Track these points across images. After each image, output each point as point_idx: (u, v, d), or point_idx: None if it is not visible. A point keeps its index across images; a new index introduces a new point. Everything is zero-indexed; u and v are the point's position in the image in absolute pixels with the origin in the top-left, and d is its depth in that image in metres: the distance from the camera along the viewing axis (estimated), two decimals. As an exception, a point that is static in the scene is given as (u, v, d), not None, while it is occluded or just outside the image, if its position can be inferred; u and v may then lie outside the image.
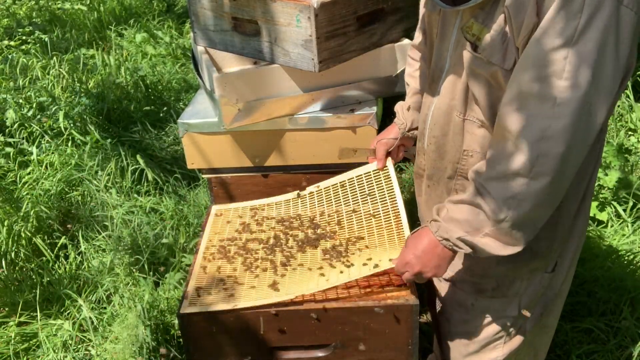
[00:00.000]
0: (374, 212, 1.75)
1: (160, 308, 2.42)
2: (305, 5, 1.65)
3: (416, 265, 1.36)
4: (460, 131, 1.40)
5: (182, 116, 1.97)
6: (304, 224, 1.82)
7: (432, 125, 1.46)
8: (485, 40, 1.23)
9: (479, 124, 1.36)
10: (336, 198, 1.85)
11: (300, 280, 1.56)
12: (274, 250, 1.71)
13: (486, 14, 1.23)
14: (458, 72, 1.35)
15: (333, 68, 1.80)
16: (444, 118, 1.42)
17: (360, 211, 1.78)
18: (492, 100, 1.30)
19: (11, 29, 5.02)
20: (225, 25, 1.88)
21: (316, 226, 1.79)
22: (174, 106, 4.05)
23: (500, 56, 1.22)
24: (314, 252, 1.69)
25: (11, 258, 2.77)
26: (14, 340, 2.39)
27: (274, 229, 1.82)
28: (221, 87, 1.79)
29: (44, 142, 3.51)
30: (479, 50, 1.25)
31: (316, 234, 1.75)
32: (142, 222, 2.87)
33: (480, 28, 1.24)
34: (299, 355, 1.57)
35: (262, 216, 1.89)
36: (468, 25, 1.27)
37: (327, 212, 1.84)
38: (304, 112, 1.92)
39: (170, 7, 5.87)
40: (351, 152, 1.84)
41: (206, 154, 1.99)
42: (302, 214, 1.86)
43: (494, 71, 1.24)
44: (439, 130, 1.45)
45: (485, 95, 1.30)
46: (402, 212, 1.67)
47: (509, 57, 1.21)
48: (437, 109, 1.44)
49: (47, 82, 4.07)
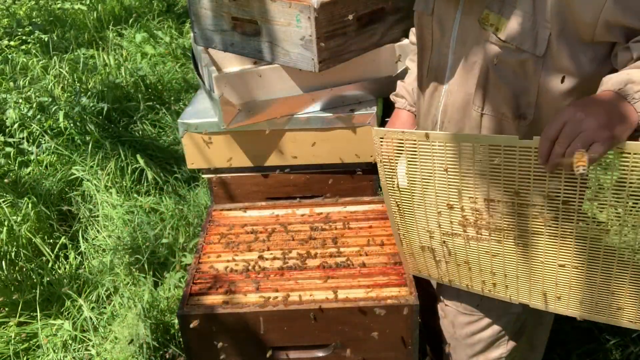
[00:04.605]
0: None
1: (160, 308, 2.42)
2: (305, 5, 1.65)
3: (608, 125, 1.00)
4: (477, 126, 1.37)
5: (182, 116, 1.97)
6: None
7: (447, 124, 1.44)
8: (511, 27, 1.22)
9: (499, 117, 1.33)
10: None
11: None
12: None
13: (501, 2, 1.22)
14: (469, 66, 1.33)
15: (333, 68, 1.80)
16: (459, 114, 1.40)
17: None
18: (516, 90, 1.28)
19: (11, 29, 5.02)
20: (225, 25, 1.88)
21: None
22: (174, 106, 4.05)
23: (531, 43, 1.21)
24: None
25: (11, 258, 2.77)
26: (14, 340, 2.39)
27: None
28: (221, 87, 1.79)
29: (44, 142, 3.51)
30: (507, 38, 1.23)
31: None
32: (142, 222, 2.87)
33: (497, 18, 1.24)
34: (299, 355, 1.57)
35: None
36: (483, 16, 1.26)
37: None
38: (304, 112, 1.92)
39: (170, 7, 5.87)
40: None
41: (206, 154, 1.99)
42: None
43: (523, 59, 1.23)
44: (453, 127, 1.42)
45: (510, 86, 1.28)
46: None
47: (540, 43, 1.20)
48: (450, 106, 1.41)
49: (47, 82, 4.07)
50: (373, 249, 1.72)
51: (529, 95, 1.27)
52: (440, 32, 1.39)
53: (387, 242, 1.74)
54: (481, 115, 1.35)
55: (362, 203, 1.96)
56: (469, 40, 1.32)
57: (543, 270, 1.29)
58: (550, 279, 1.29)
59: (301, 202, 1.98)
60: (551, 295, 1.32)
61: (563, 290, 1.29)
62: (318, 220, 1.88)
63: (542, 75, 1.24)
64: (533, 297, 1.36)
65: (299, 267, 1.66)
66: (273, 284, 1.59)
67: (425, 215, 1.36)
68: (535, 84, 1.25)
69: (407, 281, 1.57)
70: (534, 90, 1.26)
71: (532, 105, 1.28)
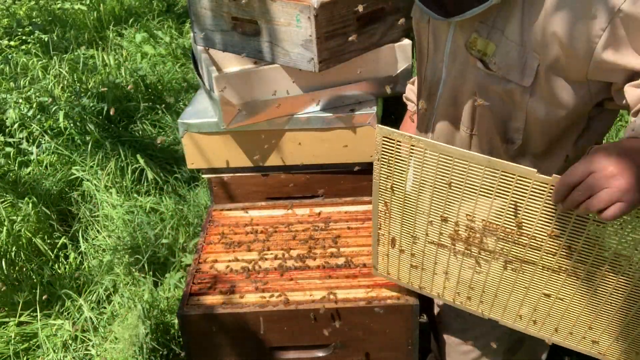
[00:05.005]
0: None
1: (160, 308, 2.42)
2: (305, 5, 1.65)
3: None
4: (467, 145, 1.36)
5: (182, 116, 1.97)
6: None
7: (436, 138, 1.42)
8: (498, 56, 1.17)
9: (488, 138, 1.31)
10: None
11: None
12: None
13: (490, 27, 1.17)
14: (460, 86, 1.30)
15: (333, 68, 1.80)
16: (448, 130, 1.38)
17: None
18: (504, 116, 1.25)
19: (11, 29, 5.02)
20: (225, 25, 1.88)
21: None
22: (174, 106, 4.05)
23: (518, 73, 1.16)
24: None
25: (11, 258, 2.77)
26: (14, 340, 2.39)
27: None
28: (221, 87, 1.79)
29: (44, 142, 3.51)
30: (492, 66, 1.19)
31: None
32: (142, 222, 2.87)
33: (485, 43, 1.18)
34: (299, 355, 1.57)
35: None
36: (471, 40, 1.21)
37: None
38: (304, 112, 1.92)
39: (170, 7, 5.86)
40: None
41: (206, 154, 1.99)
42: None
43: (509, 89, 1.19)
44: (443, 140, 1.41)
45: (497, 112, 1.25)
46: None
47: (527, 73, 1.15)
48: (440, 121, 1.40)
49: (47, 82, 4.07)
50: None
51: (517, 121, 1.24)
52: (435, 45, 1.35)
53: (387, 242, 1.74)
54: (470, 135, 1.33)
55: (362, 203, 1.96)
56: (458, 62, 1.28)
57: (525, 295, 1.27)
58: (531, 304, 1.28)
59: (301, 202, 1.98)
60: (526, 318, 1.31)
61: (541, 316, 1.29)
62: (318, 220, 1.88)
63: (529, 104, 1.20)
64: (506, 315, 1.34)
65: (299, 267, 1.66)
66: (273, 284, 1.59)
67: (414, 221, 1.33)
68: (523, 112, 1.22)
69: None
70: (521, 117, 1.23)
71: (520, 130, 1.25)
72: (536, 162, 1.29)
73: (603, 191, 0.91)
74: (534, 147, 1.28)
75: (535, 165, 1.26)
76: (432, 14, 1.22)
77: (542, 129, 1.23)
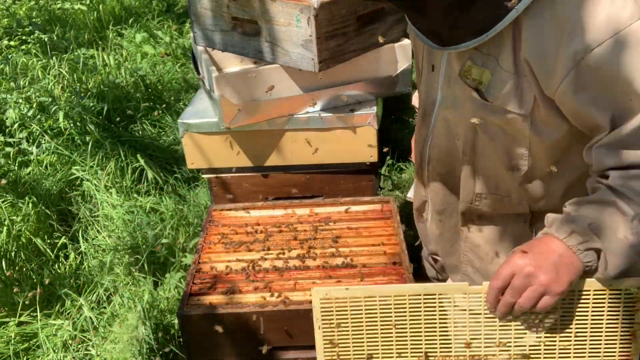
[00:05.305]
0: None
1: (160, 308, 2.42)
2: (305, 5, 1.65)
3: (553, 281, 1.01)
4: (472, 175, 1.31)
5: (182, 116, 1.98)
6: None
7: (434, 163, 1.39)
8: (495, 85, 1.14)
9: (492, 166, 1.26)
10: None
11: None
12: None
13: (485, 55, 1.14)
14: (456, 112, 1.26)
15: (333, 68, 1.80)
16: (448, 157, 1.35)
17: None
18: (506, 145, 1.22)
19: (11, 29, 5.02)
20: (225, 25, 1.88)
21: None
22: (174, 106, 4.05)
23: (516, 102, 1.13)
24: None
25: (11, 258, 2.77)
26: (14, 340, 2.39)
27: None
28: (221, 87, 1.79)
29: (44, 142, 3.51)
30: (489, 97, 1.16)
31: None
32: (142, 222, 2.87)
33: (480, 71, 1.15)
34: (299, 355, 1.57)
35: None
36: (466, 69, 1.17)
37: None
38: (304, 112, 1.92)
39: (170, 7, 5.87)
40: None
41: (206, 154, 1.99)
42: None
43: (509, 118, 1.16)
44: (442, 167, 1.38)
45: (499, 141, 1.22)
46: None
47: (526, 102, 1.12)
48: (437, 147, 1.36)
49: (47, 82, 4.07)
50: (373, 249, 1.72)
51: (521, 148, 1.21)
52: (428, 65, 1.31)
53: (387, 242, 1.74)
54: (474, 164, 1.29)
55: (362, 203, 1.96)
56: (452, 87, 1.24)
57: None
58: None
59: (301, 202, 1.98)
60: None
61: None
62: (318, 220, 1.88)
63: (531, 131, 1.17)
64: None
65: (299, 267, 1.66)
66: (273, 284, 1.59)
67: None
68: (526, 139, 1.19)
69: (407, 281, 1.57)
70: (525, 143, 1.20)
71: (525, 157, 1.22)
72: (545, 185, 1.26)
73: (528, 290, 1.00)
74: (540, 170, 1.24)
75: (545, 188, 1.24)
76: (426, 42, 1.21)
77: (547, 151, 1.20)
